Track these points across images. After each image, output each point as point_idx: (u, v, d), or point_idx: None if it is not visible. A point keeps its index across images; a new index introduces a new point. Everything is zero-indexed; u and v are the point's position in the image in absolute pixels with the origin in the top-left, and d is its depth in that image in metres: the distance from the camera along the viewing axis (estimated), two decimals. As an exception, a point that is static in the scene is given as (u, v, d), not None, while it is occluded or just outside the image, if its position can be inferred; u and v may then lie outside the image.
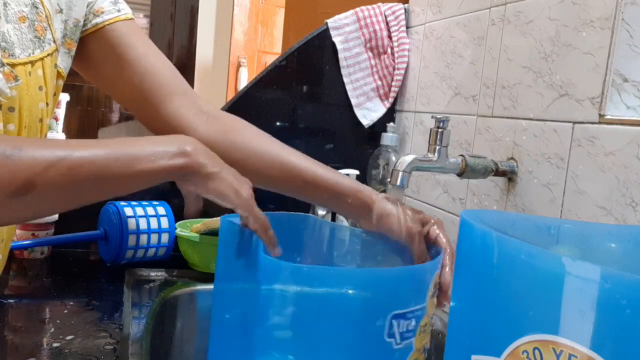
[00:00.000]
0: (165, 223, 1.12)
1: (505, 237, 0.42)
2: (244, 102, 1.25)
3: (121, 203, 1.10)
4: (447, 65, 1.11)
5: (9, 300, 0.92)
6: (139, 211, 1.10)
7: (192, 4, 2.54)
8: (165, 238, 1.12)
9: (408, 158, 0.83)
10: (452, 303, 0.49)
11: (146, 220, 1.10)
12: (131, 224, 1.07)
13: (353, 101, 1.30)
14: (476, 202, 0.98)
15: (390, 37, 1.29)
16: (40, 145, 0.53)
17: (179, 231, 1.11)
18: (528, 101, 0.87)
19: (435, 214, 1.03)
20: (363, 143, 1.31)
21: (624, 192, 0.68)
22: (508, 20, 0.93)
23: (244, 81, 2.58)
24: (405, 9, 1.29)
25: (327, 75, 1.29)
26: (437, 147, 0.86)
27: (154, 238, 1.10)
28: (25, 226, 1.09)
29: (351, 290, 0.56)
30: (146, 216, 1.10)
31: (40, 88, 0.67)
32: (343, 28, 1.28)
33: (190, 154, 0.57)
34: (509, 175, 0.89)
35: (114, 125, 2.54)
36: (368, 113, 1.31)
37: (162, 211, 1.13)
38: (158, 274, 1.07)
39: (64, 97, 1.21)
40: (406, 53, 1.27)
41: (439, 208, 1.09)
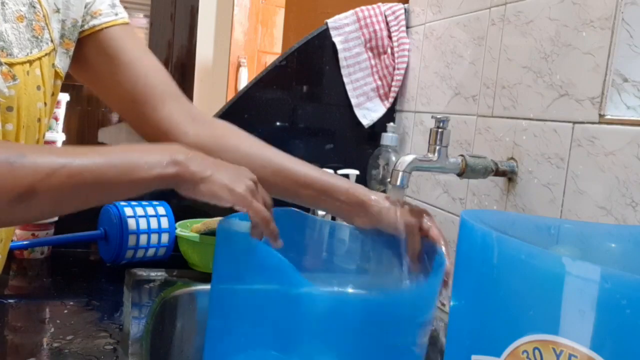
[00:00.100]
0: (165, 223, 1.12)
1: (505, 237, 0.42)
2: (244, 102, 1.25)
3: (121, 203, 1.10)
4: (447, 65, 1.11)
5: (9, 300, 0.92)
6: (139, 211, 1.10)
7: (192, 4, 2.54)
8: (165, 238, 1.12)
9: (408, 158, 0.83)
10: (452, 303, 0.49)
11: (146, 220, 1.10)
12: (131, 224, 1.07)
13: (353, 101, 1.30)
14: (476, 202, 0.98)
15: (390, 37, 1.29)
16: (41, 152, 0.55)
17: (179, 231, 1.11)
18: (528, 101, 0.87)
19: (435, 214, 1.03)
20: (363, 143, 1.31)
21: (624, 192, 0.68)
22: (508, 20, 0.93)
23: (244, 81, 2.58)
24: (405, 9, 1.28)
25: (327, 75, 1.29)
26: (437, 147, 0.86)
27: (154, 238, 1.10)
28: (25, 226, 1.09)
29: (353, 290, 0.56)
30: (146, 216, 1.10)
31: (38, 88, 0.67)
32: (343, 28, 1.28)
33: (181, 163, 0.59)
34: (509, 175, 0.89)
35: (114, 125, 2.54)
36: (368, 113, 1.31)
37: (162, 211, 1.13)
38: (158, 274, 1.07)
39: (64, 97, 1.21)
40: (406, 53, 1.27)
41: (439, 208, 1.09)
